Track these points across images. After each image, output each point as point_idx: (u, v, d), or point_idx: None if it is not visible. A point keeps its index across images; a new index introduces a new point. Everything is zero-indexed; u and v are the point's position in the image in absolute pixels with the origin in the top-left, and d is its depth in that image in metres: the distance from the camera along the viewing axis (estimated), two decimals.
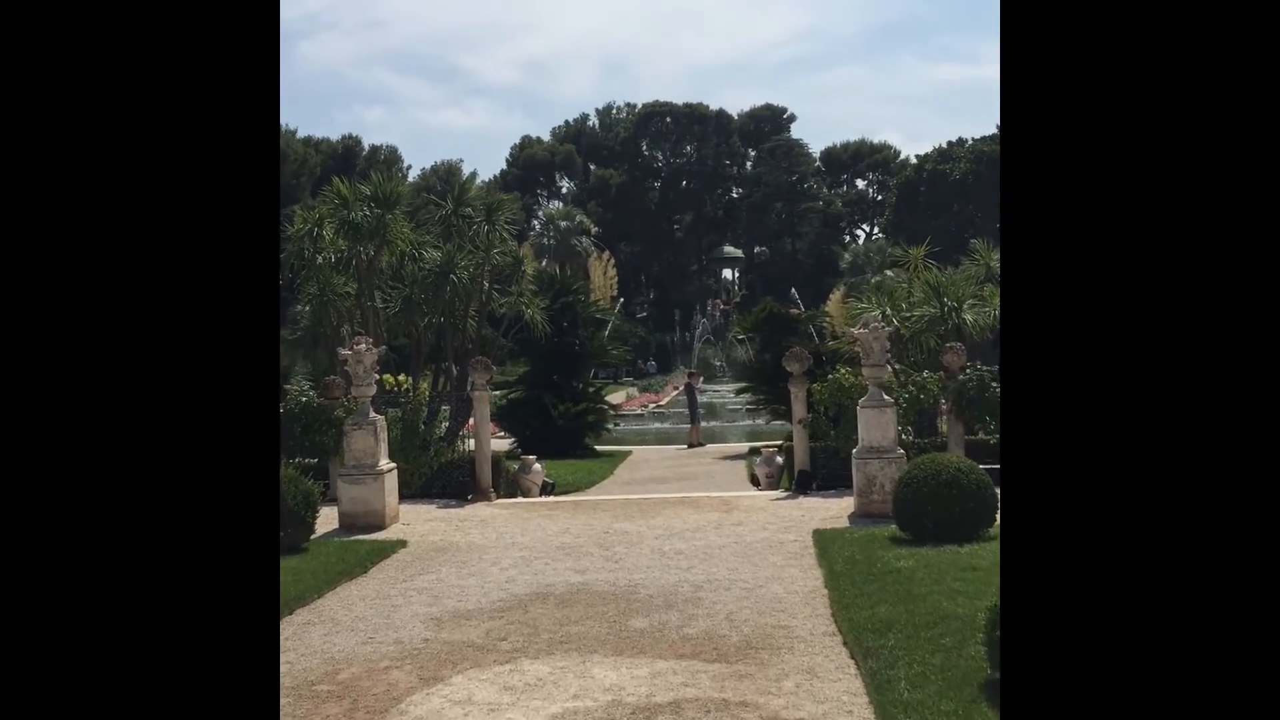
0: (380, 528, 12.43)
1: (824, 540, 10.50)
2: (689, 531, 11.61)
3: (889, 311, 17.41)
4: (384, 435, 13.16)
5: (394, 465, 13.35)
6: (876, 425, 12.24)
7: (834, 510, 12.68)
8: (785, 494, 14.51)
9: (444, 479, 15.28)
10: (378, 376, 13.45)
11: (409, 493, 14.97)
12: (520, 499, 15.42)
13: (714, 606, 8.21)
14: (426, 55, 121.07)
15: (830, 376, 14.95)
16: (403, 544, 11.34)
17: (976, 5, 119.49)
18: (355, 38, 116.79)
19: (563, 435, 23.02)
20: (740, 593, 8.65)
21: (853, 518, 12.12)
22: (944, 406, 15.61)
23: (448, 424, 18.74)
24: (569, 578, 9.46)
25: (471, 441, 15.40)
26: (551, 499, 15.38)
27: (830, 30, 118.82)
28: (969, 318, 17.02)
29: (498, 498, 15.16)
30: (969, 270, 20.27)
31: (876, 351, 12.41)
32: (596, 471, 19.71)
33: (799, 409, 14.87)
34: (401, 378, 22.16)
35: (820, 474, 14.84)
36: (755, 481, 16.12)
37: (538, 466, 16.01)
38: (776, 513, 12.73)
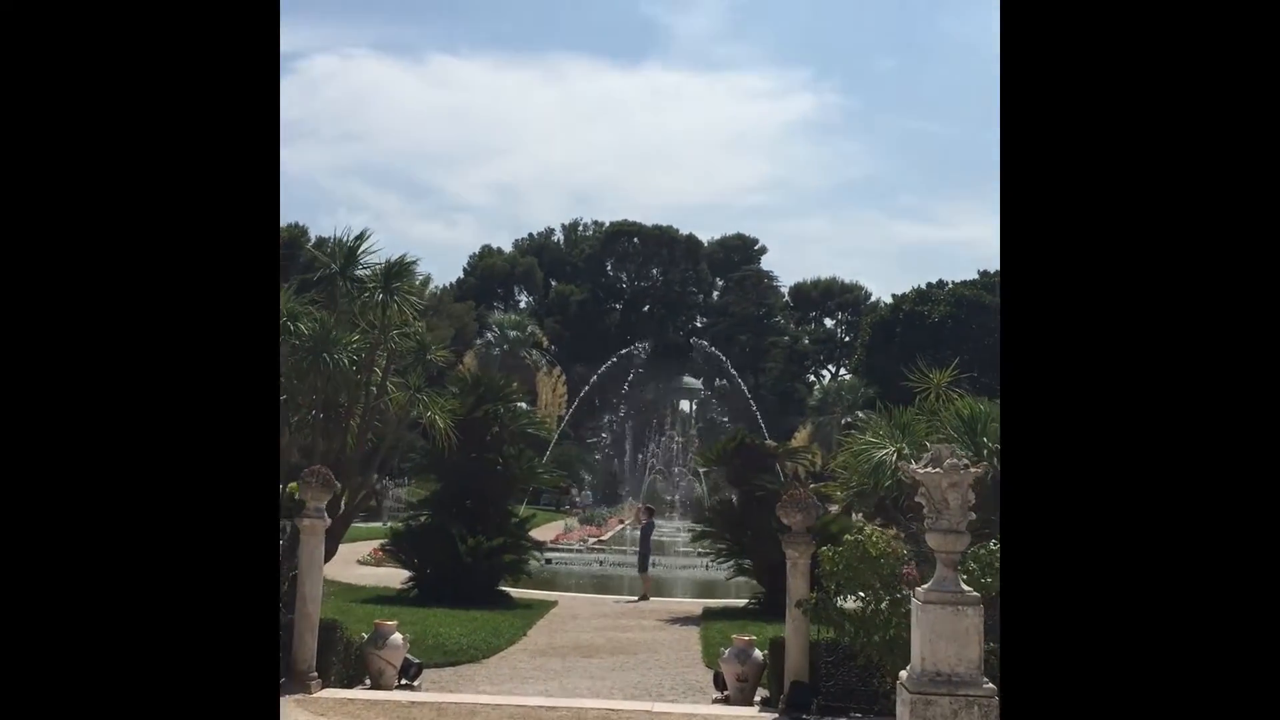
0: None
1: None
2: None
3: (907, 450, 12.76)
4: None
5: None
6: (950, 635, 7.07)
7: None
8: (769, 717, 9.26)
9: None
10: None
11: None
12: (361, 691, 10.01)
13: None
14: (398, 170, 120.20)
15: (848, 537, 9.85)
16: None
17: (934, 169, 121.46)
18: (333, 148, 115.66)
19: (473, 577, 17.81)
20: None
21: None
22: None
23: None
24: None
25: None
26: (407, 696, 9.96)
27: (798, 182, 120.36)
28: None
29: (325, 686, 9.75)
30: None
31: (954, 507, 7.27)
32: (504, 631, 14.52)
33: (798, 584, 9.68)
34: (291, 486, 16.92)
35: (823, 684, 9.65)
36: (719, 683, 10.77)
37: (397, 638, 10.60)
38: None
